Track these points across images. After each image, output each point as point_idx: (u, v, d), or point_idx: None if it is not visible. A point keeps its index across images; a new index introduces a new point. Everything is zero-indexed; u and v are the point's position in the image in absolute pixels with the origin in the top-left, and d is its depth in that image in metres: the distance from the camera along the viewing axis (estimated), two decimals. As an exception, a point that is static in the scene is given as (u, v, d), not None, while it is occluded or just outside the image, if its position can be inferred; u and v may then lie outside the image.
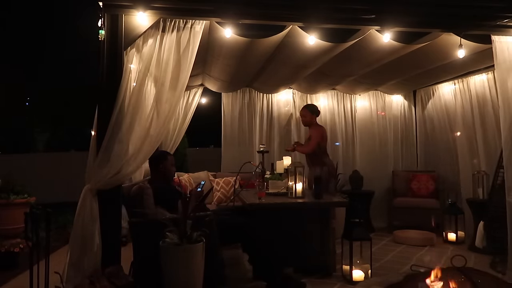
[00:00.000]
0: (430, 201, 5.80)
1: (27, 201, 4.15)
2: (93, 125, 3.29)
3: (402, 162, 6.62)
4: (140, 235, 3.16)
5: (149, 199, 3.36)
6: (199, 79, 5.80)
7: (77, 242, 3.06)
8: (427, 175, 6.09)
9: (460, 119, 5.63)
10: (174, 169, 3.85)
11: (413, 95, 6.73)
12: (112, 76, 3.21)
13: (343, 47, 4.06)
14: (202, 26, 3.40)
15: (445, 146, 5.95)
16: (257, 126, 6.48)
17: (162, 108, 3.32)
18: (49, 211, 2.86)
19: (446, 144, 5.94)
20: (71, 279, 2.99)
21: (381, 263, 4.38)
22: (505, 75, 3.82)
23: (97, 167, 3.10)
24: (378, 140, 6.59)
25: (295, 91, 6.53)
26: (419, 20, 3.64)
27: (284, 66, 4.89)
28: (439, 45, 4.02)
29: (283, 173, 4.55)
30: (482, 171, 5.07)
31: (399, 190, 6.17)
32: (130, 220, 3.28)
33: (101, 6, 3.17)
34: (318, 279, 3.82)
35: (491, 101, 5.16)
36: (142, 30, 3.29)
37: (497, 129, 5.09)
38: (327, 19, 3.53)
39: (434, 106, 6.28)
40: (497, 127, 5.09)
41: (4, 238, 4.09)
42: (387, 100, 6.69)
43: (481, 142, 5.30)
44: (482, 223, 4.73)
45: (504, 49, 3.78)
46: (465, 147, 5.56)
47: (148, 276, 3.07)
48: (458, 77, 5.67)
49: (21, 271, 3.92)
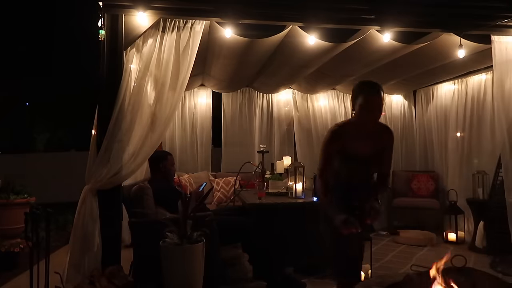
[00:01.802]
0: (430, 201, 5.80)
1: (27, 201, 4.16)
2: (93, 125, 3.30)
3: (402, 162, 6.62)
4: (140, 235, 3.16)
5: (149, 199, 3.37)
6: (199, 79, 5.80)
7: (77, 242, 3.07)
8: (427, 175, 6.09)
9: (460, 119, 5.63)
10: (174, 169, 3.86)
11: (413, 95, 6.72)
12: (112, 76, 3.21)
13: (343, 47, 4.06)
14: (202, 26, 3.40)
15: (445, 145, 5.95)
16: (257, 126, 6.48)
17: (162, 108, 3.32)
18: (49, 211, 2.86)
19: (446, 144, 5.94)
20: (71, 279, 2.99)
21: (381, 263, 4.38)
22: (503, 75, 3.82)
23: (97, 167, 3.10)
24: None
25: (295, 91, 6.53)
26: (419, 20, 3.64)
27: (284, 66, 4.89)
28: (439, 45, 4.02)
29: (283, 173, 4.55)
30: (482, 171, 5.07)
31: (399, 190, 6.17)
32: (130, 220, 3.29)
33: (101, 6, 3.17)
34: (318, 279, 3.82)
35: (491, 101, 5.16)
36: (142, 30, 3.29)
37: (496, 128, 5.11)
38: (327, 19, 3.52)
39: (434, 106, 6.28)
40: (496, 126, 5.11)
41: (4, 238, 4.09)
42: (387, 100, 6.68)
43: (481, 142, 5.31)
44: (482, 223, 4.74)
45: (503, 49, 3.79)
46: (465, 147, 5.56)
47: (148, 276, 3.07)
48: (458, 77, 5.67)
49: (21, 271, 3.92)
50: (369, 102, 2.50)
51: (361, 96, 2.51)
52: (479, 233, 4.76)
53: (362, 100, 2.50)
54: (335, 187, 2.60)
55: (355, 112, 2.57)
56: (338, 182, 2.62)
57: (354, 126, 2.61)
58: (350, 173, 2.62)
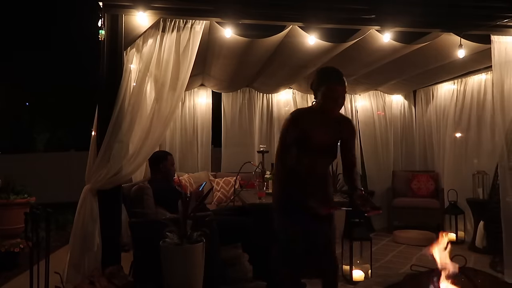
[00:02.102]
0: (430, 201, 5.80)
1: (27, 201, 4.15)
2: (93, 125, 3.30)
3: (402, 162, 6.62)
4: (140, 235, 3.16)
5: (149, 199, 3.37)
6: (199, 79, 5.81)
7: (77, 242, 3.07)
8: (427, 175, 6.09)
9: (460, 118, 5.63)
10: (174, 169, 3.86)
11: (413, 95, 6.72)
12: (112, 76, 3.21)
13: (343, 47, 4.06)
14: (202, 26, 3.40)
15: (445, 145, 5.95)
16: (257, 126, 6.47)
17: (162, 108, 3.32)
18: (49, 211, 2.86)
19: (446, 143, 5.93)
20: (71, 279, 3.00)
21: (381, 263, 4.38)
22: (503, 76, 3.82)
23: (97, 167, 3.11)
24: (379, 140, 6.59)
25: (295, 91, 6.53)
26: (419, 20, 3.64)
27: (284, 66, 4.89)
28: (439, 45, 4.02)
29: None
30: (482, 171, 5.07)
31: (399, 190, 6.17)
32: (130, 220, 3.29)
33: (101, 6, 3.17)
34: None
35: (491, 101, 5.16)
36: (142, 30, 3.29)
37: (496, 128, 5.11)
38: (327, 19, 3.52)
39: (434, 106, 6.28)
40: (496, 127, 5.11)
41: (4, 238, 4.09)
42: (387, 100, 6.69)
43: (481, 141, 5.30)
44: (482, 223, 4.73)
45: (502, 49, 3.79)
46: (465, 147, 5.56)
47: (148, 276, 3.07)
48: (458, 77, 5.67)
49: (21, 271, 3.92)
50: (335, 91, 2.47)
51: (326, 84, 2.48)
52: (479, 233, 4.76)
53: (327, 88, 2.47)
54: (291, 179, 2.56)
55: (318, 100, 2.54)
56: (295, 173, 2.56)
57: (315, 114, 2.58)
58: (309, 164, 2.56)
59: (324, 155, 2.61)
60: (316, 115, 2.58)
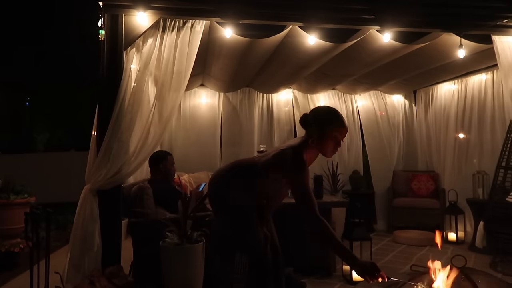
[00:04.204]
0: (430, 201, 5.80)
1: (27, 201, 4.15)
2: (93, 125, 3.30)
3: (402, 162, 6.62)
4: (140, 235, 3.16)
5: (149, 199, 3.37)
6: (199, 79, 5.81)
7: (77, 242, 3.07)
8: (427, 175, 6.08)
9: (460, 118, 5.63)
10: (174, 169, 3.85)
11: (413, 95, 6.72)
12: (112, 76, 3.22)
13: (343, 47, 4.06)
14: (202, 26, 3.40)
15: (445, 146, 5.95)
16: (257, 126, 6.46)
17: (162, 108, 3.32)
18: (49, 211, 2.86)
19: (446, 144, 5.94)
20: (71, 279, 3.00)
21: (381, 263, 4.38)
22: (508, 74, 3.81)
23: (97, 167, 3.11)
24: (379, 140, 6.59)
25: (295, 91, 6.53)
26: (419, 20, 3.64)
27: (284, 66, 4.89)
28: (439, 45, 4.02)
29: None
30: (482, 171, 5.07)
31: (399, 190, 6.17)
32: (130, 220, 3.29)
33: (101, 6, 3.18)
34: (318, 279, 3.82)
35: (491, 101, 5.16)
36: (142, 30, 3.29)
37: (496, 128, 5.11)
38: (327, 19, 3.53)
39: (434, 106, 6.27)
40: (496, 127, 5.11)
41: (4, 238, 4.09)
42: (388, 100, 6.68)
43: (481, 141, 5.30)
44: (482, 223, 4.73)
45: (506, 48, 3.78)
46: (465, 147, 5.56)
47: (148, 276, 3.07)
48: (458, 77, 5.67)
49: (21, 271, 3.92)
50: (343, 135, 2.37)
51: (336, 126, 2.36)
52: (479, 233, 4.76)
53: (337, 130, 2.35)
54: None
55: (317, 139, 2.38)
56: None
57: (311, 154, 2.45)
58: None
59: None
60: (311, 155, 2.47)
